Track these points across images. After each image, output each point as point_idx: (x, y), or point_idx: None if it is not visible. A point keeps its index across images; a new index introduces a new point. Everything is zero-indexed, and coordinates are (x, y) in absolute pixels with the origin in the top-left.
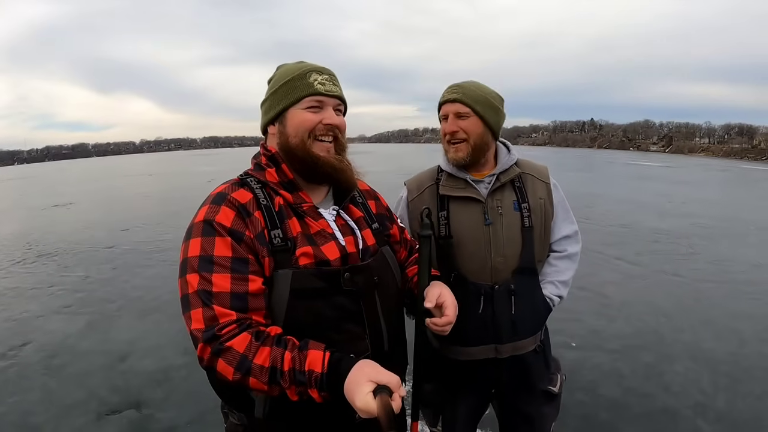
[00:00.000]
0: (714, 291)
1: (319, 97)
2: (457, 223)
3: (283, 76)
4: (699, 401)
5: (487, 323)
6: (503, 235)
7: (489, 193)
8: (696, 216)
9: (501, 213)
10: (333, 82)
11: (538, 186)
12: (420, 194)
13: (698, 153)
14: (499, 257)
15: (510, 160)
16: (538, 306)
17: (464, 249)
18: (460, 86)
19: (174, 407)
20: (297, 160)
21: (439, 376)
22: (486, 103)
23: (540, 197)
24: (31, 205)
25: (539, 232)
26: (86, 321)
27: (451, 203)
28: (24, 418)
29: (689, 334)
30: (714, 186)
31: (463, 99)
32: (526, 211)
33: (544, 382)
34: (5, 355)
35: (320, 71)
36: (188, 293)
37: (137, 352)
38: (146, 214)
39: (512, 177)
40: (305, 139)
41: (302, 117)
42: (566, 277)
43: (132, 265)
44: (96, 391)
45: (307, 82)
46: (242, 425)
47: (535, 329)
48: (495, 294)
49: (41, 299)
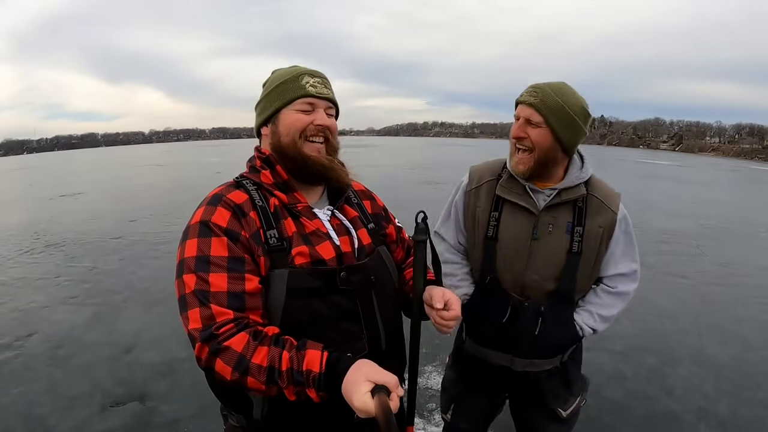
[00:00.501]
0: (720, 294)
1: (311, 99)
2: (505, 228)
3: (276, 79)
4: (701, 406)
5: (507, 334)
6: (545, 255)
7: (545, 208)
8: (705, 217)
9: (551, 231)
10: (325, 85)
11: (602, 213)
12: (478, 186)
13: (708, 152)
14: (535, 275)
15: (578, 178)
16: (565, 334)
17: (505, 256)
18: (541, 90)
19: (178, 400)
20: (288, 160)
21: (460, 367)
22: (564, 116)
23: (599, 225)
24: (39, 195)
25: (587, 260)
26: (92, 312)
27: (505, 206)
28: (29, 408)
29: (694, 338)
30: (723, 186)
31: (539, 106)
32: (578, 236)
33: (557, 402)
34: (11, 346)
35: (312, 74)
36: (185, 293)
37: (142, 344)
38: (154, 205)
39: (575, 197)
40: (296, 139)
41: (294, 117)
42: (608, 313)
43: (139, 256)
44: (101, 382)
45: (299, 84)
46: (241, 427)
47: (555, 353)
48: (522, 310)
49: (48, 290)
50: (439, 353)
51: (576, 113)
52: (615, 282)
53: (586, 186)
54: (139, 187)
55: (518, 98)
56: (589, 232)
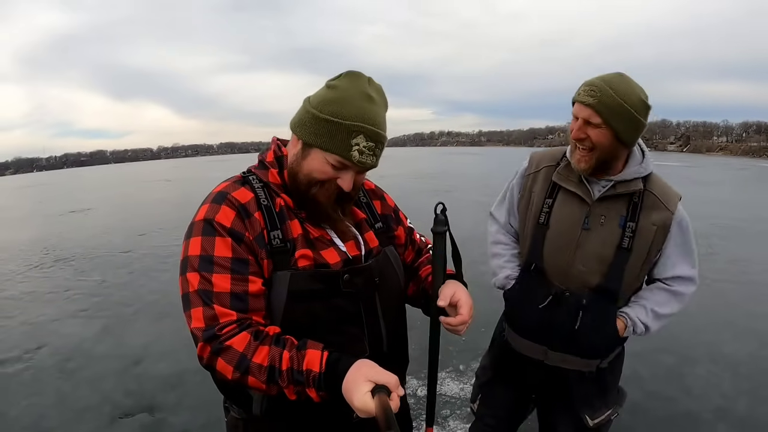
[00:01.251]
0: (734, 292)
1: (349, 163)
2: (557, 215)
3: (337, 109)
4: (720, 405)
5: (544, 324)
6: (594, 246)
7: (598, 199)
8: (715, 216)
9: (602, 223)
10: (374, 153)
11: (657, 211)
12: (536, 171)
13: (716, 152)
14: (582, 266)
15: (637, 172)
16: (606, 332)
17: (553, 244)
18: (599, 88)
19: (187, 411)
20: (295, 191)
21: (495, 354)
22: (624, 115)
23: (653, 223)
24: (48, 212)
25: (637, 258)
26: (102, 325)
27: (560, 193)
28: (37, 421)
29: (709, 336)
30: (733, 185)
31: (598, 107)
32: (629, 231)
33: (584, 409)
34: (20, 358)
35: (370, 136)
36: (189, 292)
37: (152, 356)
38: (163, 219)
39: (631, 191)
40: (312, 184)
41: (321, 167)
42: (663, 311)
43: (149, 270)
44: (110, 394)
45: (348, 144)
46: (242, 420)
47: (594, 354)
48: (563, 300)
49: (57, 303)
50: (452, 359)
51: (637, 109)
52: (674, 283)
53: (645, 182)
54: (148, 202)
55: (575, 97)
56: (642, 228)
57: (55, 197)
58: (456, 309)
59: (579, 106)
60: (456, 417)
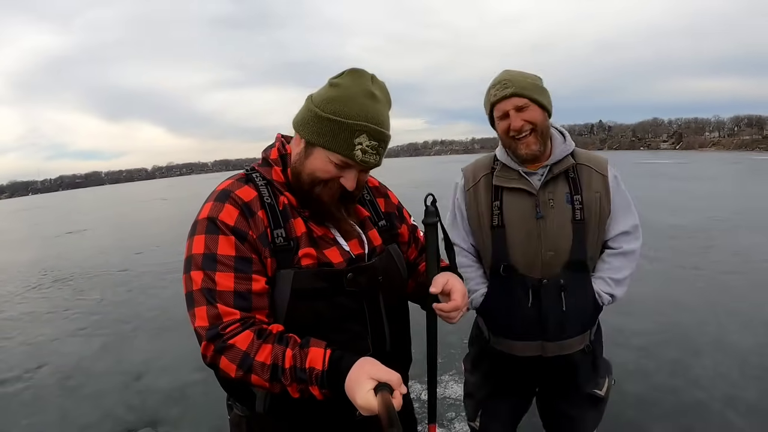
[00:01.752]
0: (736, 282)
1: (351, 162)
2: (509, 214)
3: (340, 108)
4: (729, 394)
5: (534, 318)
6: (554, 229)
7: (541, 186)
8: (712, 210)
9: (553, 206)
10: (377, 152)
11: (594, 178)
12: (476, 183)
13: (709, 147)
14: (550, 251)
15: (564, 150)
16: (587, 303)
17: (515, 241)
18: (509, 80)
19: (189, 425)
20: (299, 190)
21: (485, 368)
22: (537, 86)
23: (596, 191)
24: (45, 234)
25: (593, 226)
26: (101, 342)
27: (505, 194)
28: None
29: (714, 327)
30: (727, 179)
31: (519, 92)
32: (578, 204)
33: (590, 385)
34: (21, 378)
35: (373, 135)
36: (193, 290)
37: (152, 371)
38: (160, 238)
39: (566, 168)
40: (315, 183)
41: (325, 166)
42: (620, 276)
43: (147, 287)
44: (111, 410)
45: (351, 143)
46: (245, 417)
47: (584, 328)
48: (543, 289)
49: (56, 323)
50: (455, 362)
51: (539, 80)
52: (619, 242)
53: (573, 157)
54: (145, 221)
55: (493, 99)
56: (587, 198)
57: (51, 219)
58: (449, 297)
59: (503, 102)
60: (461, 419)
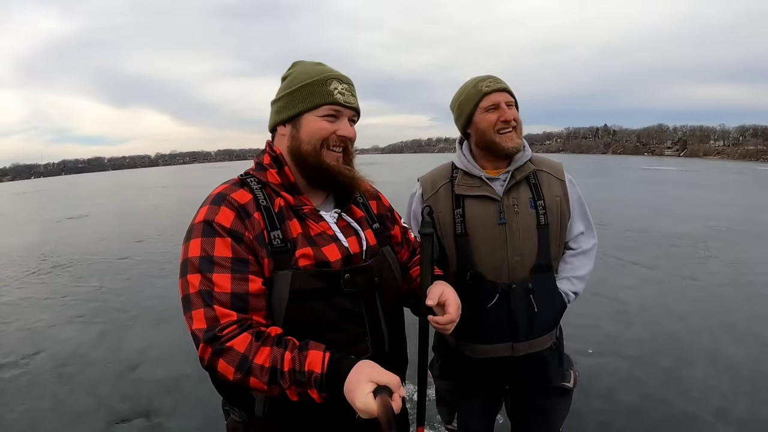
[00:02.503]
0: (732, 294)
1: (338, 107)
2: (473, 221)
3: (302, 77)
4: (719, 406)
5: (503, 321)
6: (519, 234)
7: (505, 192)
8: (713, 219)
9: (517, 211)
10: (352, 93)
11: (553, 183)
12: (435, 192)
13: (713, 156)
14: (516, 256)
15: (524, 156)
16: (555, 304)
17: (481, 247)
18: (496, 78)
19: (183, 416)
20: (307, 167)
21: (455, 374)
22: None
23: (556, 195)
24: (46, 218)
25: (555, 230)
26: (99, 330)
27: (467, 201)
28: (34, 425)
29: (708, 339)
30: (730, 188)
31: (510, 89)
32: (541, 209)
33: (558, 378)
34: (17, 364)
35: (341, 79)
36: (189, 293)
37: (148, 361)
38: (161, 226)
39: (527, 174)
40: (318, 147)
41: (318, 125)
42: (582, 273)
43: (146, 276)
44: (106, 399)
45: (328, 90)
46: (242, 422)
47: (552, 327)
48: (512, 293)
49: (54, 309)
50: None
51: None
52: (578, 242)
53: (532, 163)
54: (146, 208)
55: (486, 89)
56: (549, 203)
57: (52, 204)
58: (444, 308)
59: (495, 94)
60: None
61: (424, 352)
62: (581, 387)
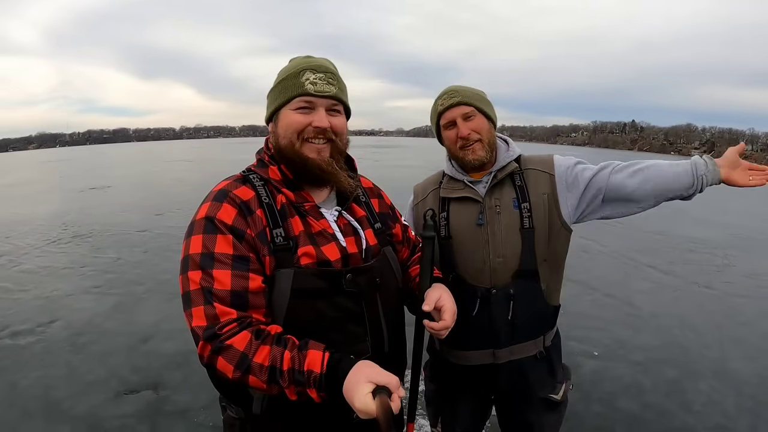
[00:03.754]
0: (746, 307)
1: (309, 98)
2: (455, 223)
3: (282, 73)
4: (720, 423)
5: (483, 327)
6: (501, 235)
7: (487, 192)
8: (734, 226)
9: (499, 212)
10: (328, 81)
11: (540, 180)
12: (424, 198)
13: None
14: (498, 258)
15: (508, 157)
16: (538, 310)
17: (463, 250)
18: (455, 90)
19: (190, 390)
20: (287, 160)
21: (442, 378)
22: (482, 99)
23: (543, 192)
24: (69, 187)
25: (542, 232)
26: (114, 302)
27: (452, 204)
28: (46, 392)
29: (716, 352)
30: (756, 196)
31: (466, 100)
32: (526, 211)
33: (545, 390)
34: (33, 331)
35: (315, 69)
36: (190, 290)
37: (160, 334)
38: (182, 200)
39: (510, 172)
40: (294, 140)
41: (290, 119)
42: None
43: (163, 249)
44: (117, 370)
45: (298, 82)
46: (239, 419)
47: (536, 333)
48: (492, 298)
49: (72, 279)
50: None
51: (483, 93)
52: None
53: (519, 163)
54: (168, 181)
55: (440, 108)
56: (535, 204)
57: (76, 173)
58: (440, 314)
59: (450, 111)
60: None
61: (418, 351)
62: (582, 389)
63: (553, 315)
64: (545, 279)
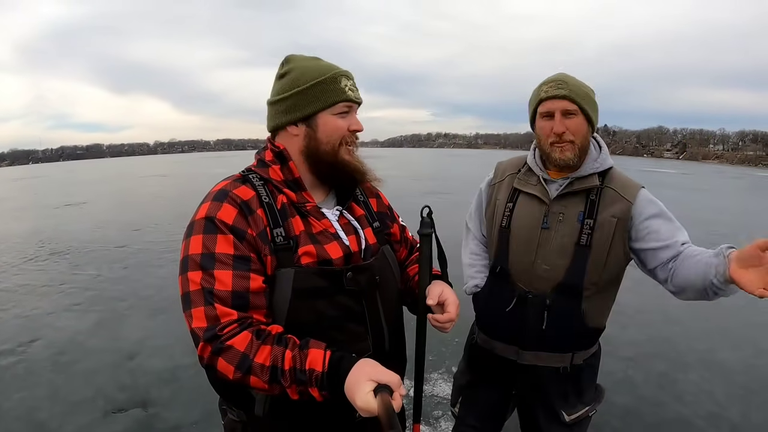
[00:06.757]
0: (730, 299)
1: (350, 104)
2: (517, 217)
3: (311, 75)
4: (712, 411)
5: (514, 324)
6: (554, 244)
7: (556, 197)
8: (712, 224)
9: (561, 220)
10: (357, 88)
11: (616, 204)
12: (501, 180)
13: (712, 160)
14: (545, 265)
15: (593, 168)
16: (573, 327)
17: (515, 246)
18: (565, 81)
19: (180, 406)
20: (325, 165)
21: (470, 360)
22: (590, 100)
23: (613, 215)
24: (44, 204)
25: (598, 253)
26: (96, 319)
27: (520, 197)
28: (30, 413)
29: (704, 343)
30: (729, 194)
31: (572, 96)
32: (588, 228)
33: (561, 404)
34: (14, 351)
35: (347, 76)
36: (189, 291)
37: (146, 351)
38: (159, 215)
39: (587, 187)
40: (336, 146)
41: (336, 124)
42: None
43: (144, 265)
44: (103, 388)
45: (340, 88)
46: (241, 422)
47: (565, 348)
48: (528, 302)
49: (52, 297)
50: (445, 360)
51: (593, 94)
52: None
53: (603, 178)
54: (144, 197)
55: (544, 95)
56: (601, 223)
57: (50, 190)
58: (443, 308)
59: (552, 101)
60: (448, 418)
61: (421, 350)
62: None
63: (590, 336)
64: (590, 299)
